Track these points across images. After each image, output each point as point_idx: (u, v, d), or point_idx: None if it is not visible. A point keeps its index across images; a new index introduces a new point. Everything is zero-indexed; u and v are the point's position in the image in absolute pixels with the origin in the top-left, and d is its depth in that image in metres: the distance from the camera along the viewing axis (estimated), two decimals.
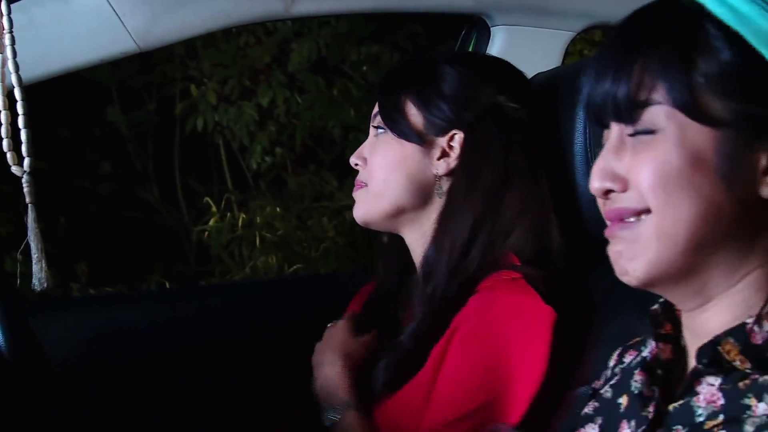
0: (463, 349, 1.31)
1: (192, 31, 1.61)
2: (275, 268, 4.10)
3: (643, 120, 0.85)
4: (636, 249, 0.87)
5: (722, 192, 0.82)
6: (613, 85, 0.87)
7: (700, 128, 0.82)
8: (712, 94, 0.82)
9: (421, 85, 1.46)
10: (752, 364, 0.81)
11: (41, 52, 1.48)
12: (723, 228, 0.83)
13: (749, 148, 0.81)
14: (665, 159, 0.83)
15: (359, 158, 1.52)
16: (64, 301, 2.94)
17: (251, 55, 4.28)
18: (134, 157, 4.60)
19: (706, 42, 0.82)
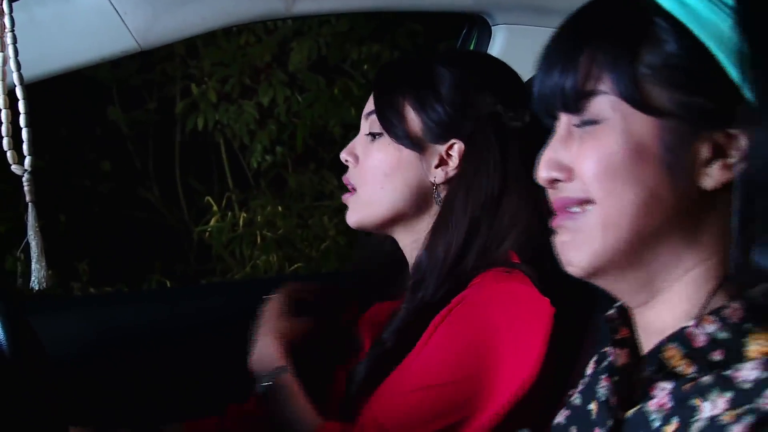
0: (448, 327, 1.32)
1: (193, 30, 1.61)
2: (276, 267, 4.10)
3: (589, 110, 0.85)
4: (580, 239, 0.87)
5: (664, 182, 0.82)
6: (561, 76, 0.87)
7: (643, 118, 0.82)
8: (656, 84, 0.82)
9: (420, 89, 1.44)
10: (696, 367, 0.81)
11: (42, 50, 1.48)
12: (665, 219, 0.83)
13: (692, 139, 0.81)
14: (609, 149, 0.83)
15: (351, 155, 1.50)
16: (65, 300, 2.94)
17: (252, 54, 4.28)
18: (135, 156, 4.60)
19: (652, 33, 0.83)
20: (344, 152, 1.51)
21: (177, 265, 4.35)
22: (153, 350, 1.88)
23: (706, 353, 0.81)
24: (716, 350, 0.80)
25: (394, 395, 1.32)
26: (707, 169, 0.82)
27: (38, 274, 1.27)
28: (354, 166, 1.49)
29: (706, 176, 0.82)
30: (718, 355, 0.80)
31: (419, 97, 1.43)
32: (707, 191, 0.82)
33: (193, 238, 4.43)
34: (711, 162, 0.82)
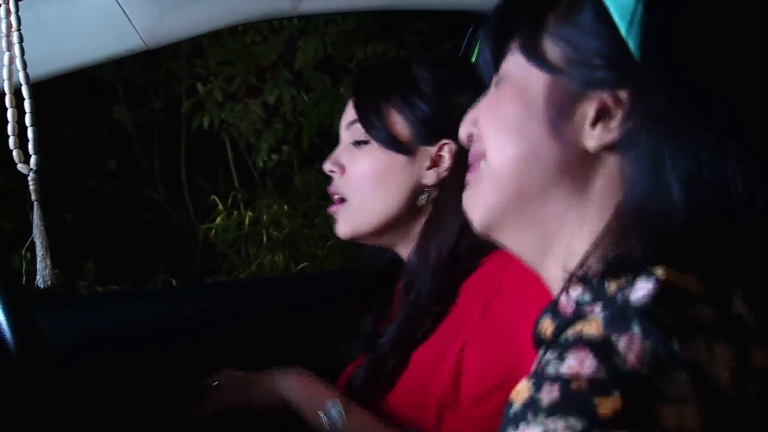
0: (487, 323, 1.29)
1: (199, 29, 1.61)
2: (282, 266, 4.10)
3: (501, 70, 0.90)
4: (476, 194, 0.92)
5: (548, 140, 0.84)
6: (489, 41, 0.92)
7: (537, 75, 0.85)
8: (554, 42, 0.84)
9: (403, 92, 1.43)
10: (555, 333, 0.80)
11: (48, 49, 1.48)
12: (548, 176, 0.84)
13: (578, 99, 0.82)
14: (501, 104, 0.88)
15: (336, 165, 1.48)
16: (71, 299, 2.94)
17: (257, 53, 4.28)
18: (140, 155, 4.60)
19: (559, 2, 0.85)
20: (328, 163, 1.50)
21: (182, 264, 4.35)
22: (158, 349, 1.88)
23: (569, 323, 0.77)
24: (582, 312, 0.79)
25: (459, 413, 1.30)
26: (591, 130, 0.82)
27: (44, 272, 1.27)
28: (340, 176, 1.48)
29: (590, 137, 0.82)
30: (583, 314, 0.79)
31: (402, 99, 1.42)
32: (591, 153, 0.83)
33: (199, 237, 4.43)
34: (595, 123, 0.82)
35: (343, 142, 1.50)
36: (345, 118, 1.49)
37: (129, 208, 4.43)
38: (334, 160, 1.49)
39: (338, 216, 1.49)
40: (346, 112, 1.49)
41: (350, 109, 1.48)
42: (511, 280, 1.29)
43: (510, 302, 1.29)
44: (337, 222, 1.49)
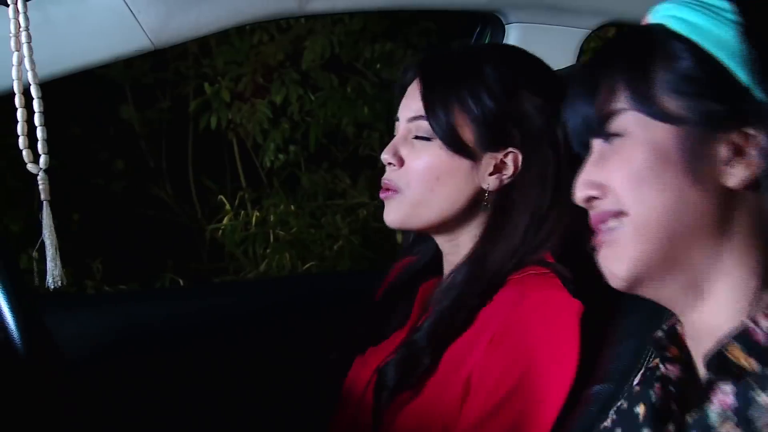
0: (493, 348, 1.30)
1: (206, 29, 1.61)
2: (289, 266, 4.10)
3: (613, 128, 0.91)
4: (618, 251, 0.92)
5: (690, 185, 0.87)
6: (585, 105, 0.93)
7: (663, 127, 0.88)
8: (670, 95, 0.88)
9: (474, 93, 1.39)
10: (759, 362, 0.83)
11: (56, 49, 1.49)
12: (696, 220, 0.87)
13: (709, 142, 0.86)
14: (633, 160, 0.89)
15: (395, 157, 1.43)
16: (79, 298, 2.95)
17: (265, 53, 4.28)
18: (148, 155, 4.61)
19: (663, 51, 0.89)
20: (387, 153, 1.44)
21: (190, 264, 4.36)
22: (166, 348, 1.89)
23: (767, 349, 0.82)
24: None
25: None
26: (730, 168, 0.86)
27: (53, 272, 1.28)
28: (397, 168, 1.43)
29: (730, 175, 0.86)
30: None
31: (472, 100, 1.38)
32: (733, 190, 0.86)
33: (206, 237, 4.44)
34: (732, 161, 0.86)
35: (401, 132, 1.44)
36: (407, 110, 1.44)
37: (136, 208, 4.43)
38: (393, 151, 1.43)
39: (389, 204, 1.44)
40: (408, 103, 1.44)
41: (413, 101, 1.43)
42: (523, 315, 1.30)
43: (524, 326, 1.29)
44: (386, 210, 1.45)
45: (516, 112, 1.39)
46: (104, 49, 1.54)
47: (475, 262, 1.40)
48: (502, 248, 1.38)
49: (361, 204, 4.29)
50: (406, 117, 1.44)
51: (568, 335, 1.28)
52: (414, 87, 1.45)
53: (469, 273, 1.39)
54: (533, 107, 1.40)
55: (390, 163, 1.43)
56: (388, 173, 1.44)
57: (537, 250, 1.37)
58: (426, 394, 1.35)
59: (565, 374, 1.27)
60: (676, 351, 0.96)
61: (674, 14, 0.90)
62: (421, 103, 1.41)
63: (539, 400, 1.26)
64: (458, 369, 1.33)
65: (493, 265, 1.38)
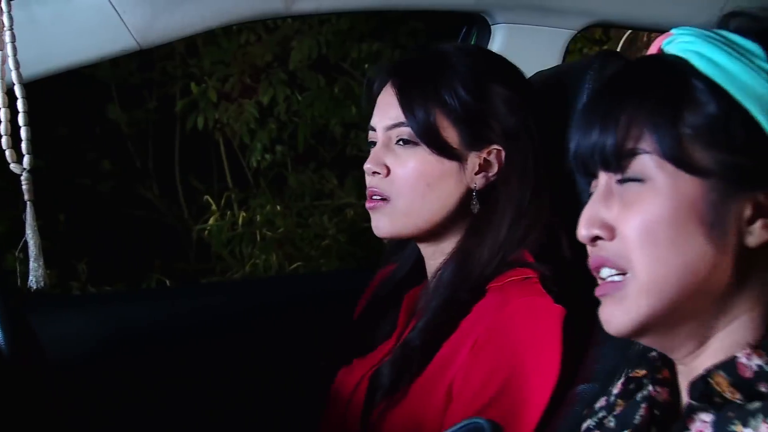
0: (475, 354, 1.30)
1: (192, 29, 1.61)
2: (276, 266, 4.10)
3: (632, 168, 0.87)
4: (624, 305, 0.89)
5: (709, 242, 0.84)
6: (600, 135, 0.89)
7: (688, 179, 0.84)
8: (698, 144, 0.84)
9: (451, 91, 1.39)
10: (742, 396, 0.82)
11: (41, 49, 1.48)
12: (709, 277, 0.85)
13: (735, 198, 0.84)
14: (655, 212, 0.85)
15: (380, 166, 1.42)
16: (64, 299, 2.93)
17: (252, 53, 4.27)
18: (134, 155, 4.59)
19: (692, 96, 0.85)
20: (371, 163, 1.42)
21: (176, 264, 4.35)
22: (152, 349, 1.88)
23: (753, 383, 0.82)
24: (763, 382, 0.82)
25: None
26: (750, 227, 0.84)
27: (36, 273, 1.27)
28: (384, 176, 1.42)
29: (749, 234, 0.84)
30: (765, 387, 0.81)
31: (449, 98, 1.39)
32: (749, 248, 0.84)
33: (193, 237, 4.43)
34: (754, 221, 0.83)
35: (381, 140, 1.43)
36: (385, 117, 1.43)
37: (123, 208, 4.42)
38: (376, 160, 1.42)
39: (378, 214, 1.43)
40: (385, 110, 1.44)
41: (390, 108, 1.43)
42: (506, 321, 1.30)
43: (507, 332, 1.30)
44: (375, 219, 1.44)
45: (493, 107, 1.40)
46: (90, 49, 1.53)
47: (462, 259, 1.40)
48: (488, 243, 1.38)
49: (349, 204, 4.29)
50: (385, 125, 1.43)
51: (550, 340, 1.28)
52: (387, 94, 1.44)
53: (456, 269, 1.39)
54: (507, 102, 1.40)
55: (376, 172, 1.42)
56: (374, 181, 1.43)
57: (518, 246, 1.38)
58: (411, 399, 1.35)
59: (548, 380, 1.27)
60: (668, 374, 0.96)
61: (699, 50, 0.86)
62: (398, 109, 1.41)
63: (521, 405, 1.26)
64: (442, 375, 1.33)
65: (480, 260, 1.38)
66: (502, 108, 1.40)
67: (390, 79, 1.45)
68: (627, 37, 3.65)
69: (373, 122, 1.46)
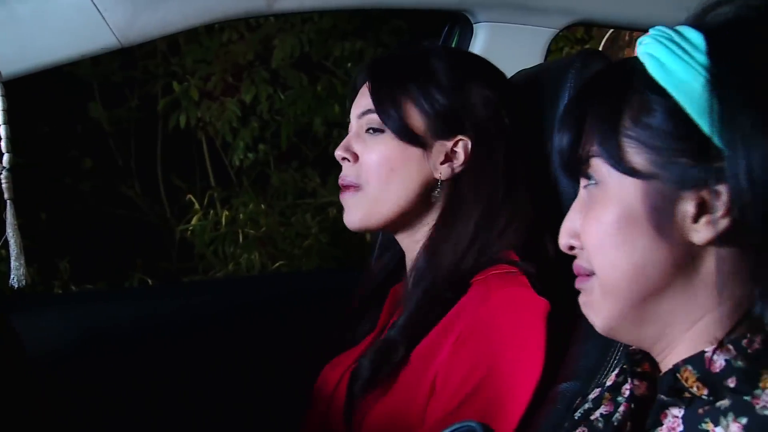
0: (458, 347, 1.30)
1: (174, 27, 1.60)
2: (258, 265, 4.09)
3: (590, 173, 0.90)
4: (592, 304, 0.93)
5: (657, 244, 0.85)
6: (566, 142, 0.92)
7: (631, 182, 0.86)
8: (637, 148, 0.85)
9: (421, 86, 1.41)
10: (709, 391, 0.83)
11: (21, 47, 1.47)
12: (663, 276, 0.86)
13: (676, 198, 0.84)
14: (606, 216, 0.88)
15: (348, 152, 1.45)
16: (45, 298, 2.92)
17: (234, 52, 4.27)
18: (116, 153, 4.58)
19: (633, 100, 0.86)
20: (340, 149, 1.46)
21: (159, 263, 4.34)
22: (134, 348, 1.87)
23: (721, 378, 0.82)
24: (731, 377, 0.82)
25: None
26: (696, 225, 0.84)
27: (18, 272, 1.27)
28: (352, 163, 1.45)
29: (695, 232, 0.84)
30: (732, 382, 0.82)
31: (420, 91, 1.41)
32: (699, 245, 0.84)
33: (175, 236, 4.42)
34: (698, 218, 0.84)
35: (354, 129, 1.47)
36: (357, 107, 1.47)
37: (105, 207, 4.40)
38: (346, 147, 1.46)
39: (349, 204, 1.46)
40: (359, 101, 1.47)
41: (363, 98, 1.46)
42: (489, 313, 1.30)
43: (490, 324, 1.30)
44: (346, 211, 1.46)
45: (464, 101, 1.41)
46: (70, 47, 1.52)
47: (432, 251, 1.41)
48: (456, 236, 1.39)
49: (331, 203, 4.29)
50: (357, 114, 1.47)
51: (533, 334, 1.29)
52: (365, 87, 1.48)
53: (428, 261, 1.40)
54: (480, 97, 1.42)
55: (344, 158, 1.45)
56: (345, 169, 1.46)
57: (496, 245, 1.38)
58: (395, 392, 1.35)
59: (531, 373, 1.27)
60: (648, 367, 0.96)
61: (651, 52, 0.86)
62: (370, 98, 1.44)
63: (504, 398, 1.26)
64: (425, 369, 1.33)
65: (449, 252, 1.38)
66: (473, 101, 1.41)
67: (368, 73, 1.48)
68: (609, 36, 3.66)
69: (350, 114, 1.50)
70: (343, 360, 1.50)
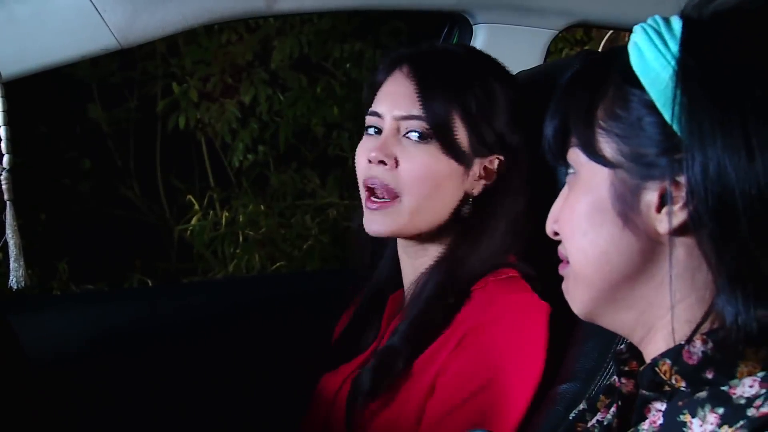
0: (461, 350, 1.30)
1: (173, 28, 1.60)
2: (258, 266, 4.09)
3: (569, 161, 0.92)
4: (569, 291, 0.94)
5: (621, 231, 0.86)
6: (550, 130, 0.93)
7: (599, 170, 0.87)
8: (606, 136, 0.86)
9: (475, 104, 1.37)
10: (687, 383, 0.83)
11: (21, 48, 1.47)
12: (631, 264, 0.87)
13: (641, 188, 0.84)
14: (576, 204, 0.89)
15: (388, 156, 1.36)
16: (45, 299, 2.92)
17: (233, 53, 4.27)
18: (115, 154, 4.57)
19: (606, 88, 0.87)
20: (377, 151, 1.36)
21: (158, 264, 4.33)
22: (133, 348, 1.87)
23: (698, 371, 0.83)
24: (708, 368, 0.82)
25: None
26: (658, 215, 0.84)
27: (17, 273, 1.27)
28: (390, 168, 1.36)
29: (659, 222, 0.84)
30: (710, 374, 0.82)
31: (474, 112, 1.37)
32: (664, 234, 0.84)
33: (175, 237, 4.41)
34: (660, 208, 0.84)
35: (389, 131, 1.38)
36: (396, 108, 1.38)
37: (104, 208, 4.40)
38: (385, 150, 1.36)
39: (380, 213, 1.38)
40: (397, 99, 1.38)
41: (404, 99, 1.38)
42: (491, 317, 1.30)
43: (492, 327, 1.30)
44: (372, 218, 1.39)
45: (508, 123, 1.40)
46: (70, 48, 1.52)
47: (452, 266, 1.39)
48: (481, 251, 1.38)
49: (331, 204, 4.29)
50: (396, 115, 1.38)
51: (535, 337, 1.29)
52: (400, 83, 1.40)
53: (446, 275, 1.38)
54: (512, 112, 1.41)
55: (382, 161, 1.37)
56: (377, 172, 1.38)
57: (509, 246, 1.39)
58: (397, 403, 1.35)
59: (531, 376, 1.27)
60: (636, 366, 0.96)
61: (636, 40, 0.86)
62: (414, 101, 1.37)
63: (505, 400, 1.26)
64: (424, 374, 1.33)
65: (470, 268, 1.37)
66: (506, 118, 1.40)
67: (404, 68, 1.41)
68: (608, 37, 3.67)
69: (380, 109, 1.40)
70: (343, 368, 1.50)
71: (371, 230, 1.40)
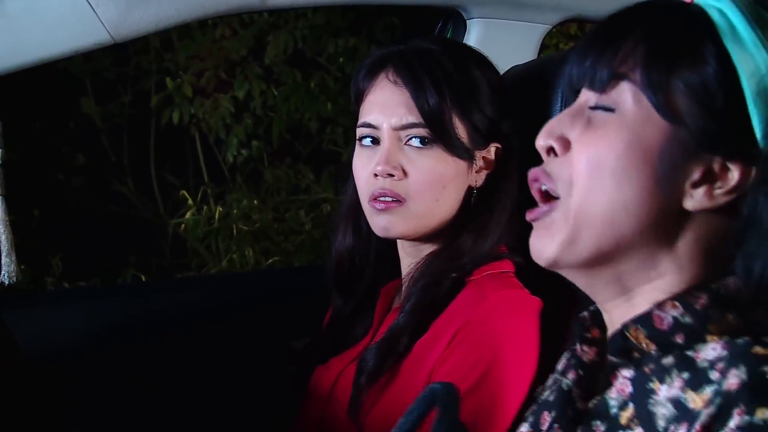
0: (454, 347, 1.30)
1: (167, 22, 1.59)
2: (252, 261, 4.09)
3: (610, 95, 0.86)
4: (551, 232, 0.88)
5: (652, 190, 0.83)
6: (600, 53, 0.87)
7: (657, 122, 0.83)
8: (682, 94, 0.83)
9: (465, 97, 1.37)
10: (657, 347, 0.83)
11: (13, 42, 1.46)
12: (641, 227, 0.84)
13: (692, 157, 0.83)
14: (612, 142, 0.84)
15: (396, 169, 1.36)
16: (38, 295, 2.92)
17: (227, 48, 4.26)
18: (109, 150, 4.57)
19: (694, 50, 0.83)
20: (386, 166, 1.35)
21: (152, 260, 4.33)
22: (128, 344, 1.87)
23: (669, 335, 0.83)
24: (679, 333, 0.82)
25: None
26: (694, 191, 0.83)
27: (9, 268, 1.26)
28: (399, 178, 1.36)
29: (690, 197, 0.83)
30: (680, 338, 0.82)
31: (466, 105, 1.37)
32: (685, 211, 0.84)
33: (168, 232, 4.41)
34: (699, 185, 0.83)
35: (391, 142, 1.37)
36: (393, 117, 1.37)
37: (98, 203, 4.40)
38: (393, 163, 1.36)
39: (390, 215, 1.38)
40: (391, 110, 1.38)
41: (397, 108, 1.37)
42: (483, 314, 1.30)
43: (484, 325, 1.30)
44: (384, 220, 1.38)
45: (501, 110, 1.41)
46: (62, 43, 1.52)
47: (455, 253, 1.39)
48: (488, 239, 1.38)
49: (325, 199, 4.29)
50: (395, 125, 1.38)
51: (528, 333, 1.29)
52: (390, 89, 1.39)
53: (448, 261, 1.39)
54: (499, 98, 1.41)
55: (391, 174, 1.36)
56: (386, 184, 1.37)
57: (502, 236, 1.39)
58: (398, 384, 1.35)
59: (526, 371, 1.28)
60: (598, 333, 0.95)
61: (722, 8, 0.84)
62: (408, 108, 1.37)
63: (500, 396, 1.27)
64: (424, 361, 1.33)
65: (472, 256, 1.38)
66: (494, 103, 1.40)
67: (388, 74, 1.40)
68: None
69: (373, 120, 1.40)
70: (336, 362, 1.50)
71: (384, 233, 1.40)
